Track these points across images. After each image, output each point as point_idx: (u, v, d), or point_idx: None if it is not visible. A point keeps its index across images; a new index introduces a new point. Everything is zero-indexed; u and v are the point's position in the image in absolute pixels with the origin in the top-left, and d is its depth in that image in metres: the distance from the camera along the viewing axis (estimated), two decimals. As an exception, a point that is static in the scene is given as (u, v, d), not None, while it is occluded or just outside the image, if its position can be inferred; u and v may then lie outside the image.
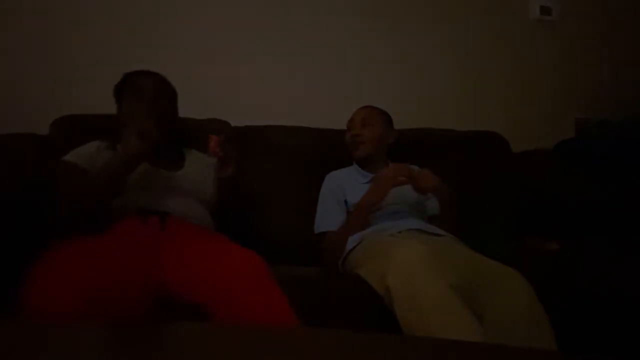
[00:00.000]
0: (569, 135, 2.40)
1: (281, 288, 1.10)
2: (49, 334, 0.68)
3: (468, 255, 1.41)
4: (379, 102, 1.85)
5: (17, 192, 1.36)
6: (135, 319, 0.96)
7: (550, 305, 1.21)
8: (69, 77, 1.96)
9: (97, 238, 1.16)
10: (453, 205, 1.64)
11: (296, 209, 1.77)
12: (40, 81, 1.93)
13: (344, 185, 1.71)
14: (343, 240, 1.55)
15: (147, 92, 1.48)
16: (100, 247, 1.11)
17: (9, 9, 1.93)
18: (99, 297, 0.95)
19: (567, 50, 2.49)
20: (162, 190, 1.37)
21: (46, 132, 1.69)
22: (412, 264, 1.18)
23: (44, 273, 1.01)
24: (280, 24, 2.18)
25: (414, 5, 2.32)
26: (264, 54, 2.16)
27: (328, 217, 1.66)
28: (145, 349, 0.66)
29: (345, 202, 1.68)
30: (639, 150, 1.96)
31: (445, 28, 2.35)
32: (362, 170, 1.76)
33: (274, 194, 1.79)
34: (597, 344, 1.34)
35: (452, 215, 1.63)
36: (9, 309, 0.98)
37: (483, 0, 2.40)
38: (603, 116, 2.47)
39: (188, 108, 1.64)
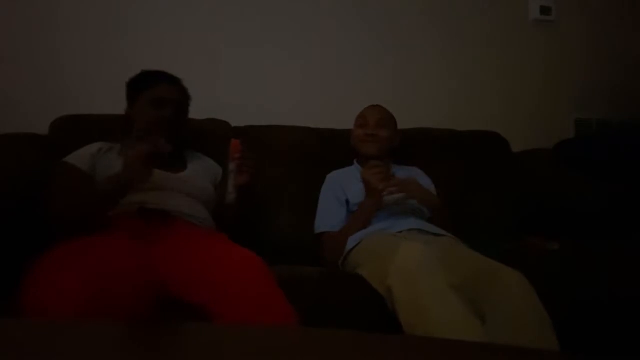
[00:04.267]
0: (569, 135, 2.40)
1: (281, 288, 1.10)
2: (50, 333, 0.68)
3: (469, 255, 1.41)
4: (379, 102, 1.85)
5: (17, 192, 1.36)
6: (135, 319, 0.96)
7: (551, 305, 1.21)
8: (69, 77, 1.95)
9: (97, 238, 1.16)
10: (445, 215, 1.65)
11: (296, 208, 1.77)
12: (40, 81, 1.93)
13: (345, 185, 1.71)
14: (343, 240, 1.55)
15: (168, 105, 1.47)
16: (101, 246, 1.11)
17: (9, 10, 1.92)
18: (99, 297, 0.94)
19: (567, 50, 2.49)
20: (164, 191, 1.37)
21: (46, 132, 1.69)
22: (413, 265, 1.18)
23: (44, 273, 1.01)
24: (280, 24, 2.18)
25: (412, 4, 2.32)
26: (264, 54, 2.16)
27: (328, 217, 1.66)
28: (145, 349, 0.66)
29: (347, 201, 1.68)
30: (639, 151, 1.96)
31: (444, 28, 2.35)
32: (364, 171, 1.76)
33: (274, 194, 1.79)
34: (597, 344, 1.34)
35: (445, 223, 1.63)
36: (9, 309, 0.98)
37: (483, 0, 2.40)
38: (603, 116, 2.47)
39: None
